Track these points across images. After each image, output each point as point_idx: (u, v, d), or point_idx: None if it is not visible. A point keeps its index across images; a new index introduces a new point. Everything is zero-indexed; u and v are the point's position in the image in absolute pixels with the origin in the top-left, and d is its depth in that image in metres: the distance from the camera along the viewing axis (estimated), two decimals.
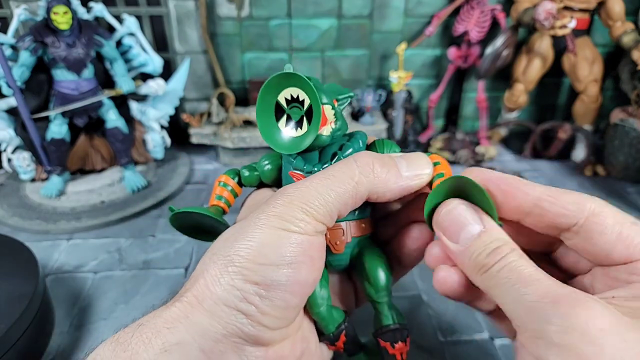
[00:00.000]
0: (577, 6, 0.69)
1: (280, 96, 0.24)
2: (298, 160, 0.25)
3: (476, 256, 0.20)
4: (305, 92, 0.23)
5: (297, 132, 0.24)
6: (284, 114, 0.25)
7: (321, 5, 0.74)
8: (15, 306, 0.34)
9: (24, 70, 0.58)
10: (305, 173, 0.25)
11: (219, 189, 0.29)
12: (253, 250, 0.21)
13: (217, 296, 0.20)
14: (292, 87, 0.24)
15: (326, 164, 0.25)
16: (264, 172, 0.28)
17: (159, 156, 0.72)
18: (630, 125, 0.66)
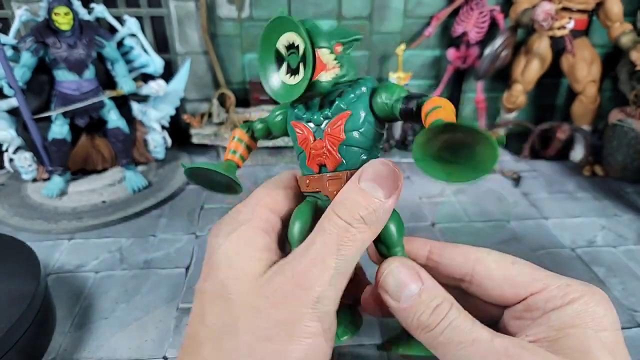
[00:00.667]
0: (576, 7, 0.70)
1: (279, 43, 0.24)
2: (299, 109, 0.25)
3: (419, 316, 0.21)
4: (299, 36, 0.22)
5: (295, 79, 0.23)
6: (283, 62, 0.24)
7: (321, 6, 0.74)
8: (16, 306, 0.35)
9: (25, 71, 0.58)
10: (304, 122, 0.24)
11: (234, 143, 0.28)
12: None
13: None
14: (288, 33, 0.23)
15: (325, 112, 0.24)
16: (274, 124, 0.27)
17: (160, 156, 0.72)
18: (629, 125, 0.66)
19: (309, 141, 0.24)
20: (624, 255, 0.52)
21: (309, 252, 0.21)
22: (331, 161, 0.24)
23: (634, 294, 0.46)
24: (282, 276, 0.21)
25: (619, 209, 0.62)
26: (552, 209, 0.62)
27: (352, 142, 0.24)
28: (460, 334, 0.20)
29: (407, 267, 0.23)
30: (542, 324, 0.21)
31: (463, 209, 0.62)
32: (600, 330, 0.20)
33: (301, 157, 0.25)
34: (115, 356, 0.39)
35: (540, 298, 0.22)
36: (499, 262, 0.24)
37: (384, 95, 0.23)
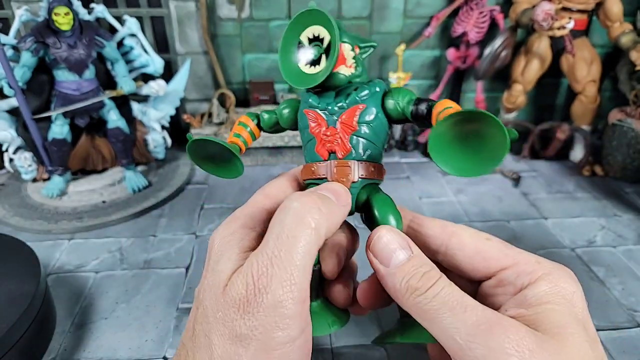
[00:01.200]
0: (576, 7, 0.70)
1: (303, 35, 0.25)
2: (314, 98, 0.26)
3: (408, 279, 0.21)
4: (325, 28, 0.24)
5: (315, 69, 0.25)
6: (304, 52, 0.25)
7: (321, 6, 0.74)
8: (16, 305, 0.35)
9: (25, 71, 0.58)
10: (319, 110, 0.26)
11: (238, 127, 0.29)
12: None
13: None
14: (314, 26, 0.24)
15: (340, 102, 0.25)
16: (282, 116, 0.28)
17: (160, 156, 0.72)
18: (629, 125, 0.66)
19: (322, 128, 0.26)
20: (623, 255, 0.52)
21: (264, 251, 0.20)
22: (341, 149, 0.25)
23: (634, 294, 0.46)
24: (244, 282, 0.20)
25: (618, 209, 0.62)
26: (551, 208, 0.62)
27: (363, 134, 0.25)
28: (452, 300, 0.20)
29: (398, 234, 0.23)
30: (517, 300, 0.22)
31: (463, 209, 0.62)
32: (572, 306, 0.21)
33: (310, 144, 0.26)
34: (115, 356, 0.39)
35: (510, 273, 0.23)
36: (473, 236, 0.25)
37: (397, 97, 0.25)
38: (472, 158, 0.21)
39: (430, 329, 0.21)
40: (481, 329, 0.19)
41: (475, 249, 0.24)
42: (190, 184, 0.70)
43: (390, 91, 0.26)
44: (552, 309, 0.20)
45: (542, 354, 0.18)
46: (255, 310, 0.19)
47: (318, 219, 0.21)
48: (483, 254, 0.24)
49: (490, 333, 0.19)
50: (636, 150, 0.65)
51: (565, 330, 0.19)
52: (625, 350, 0.39)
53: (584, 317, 0.21)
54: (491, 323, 0.19)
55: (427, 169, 0.73)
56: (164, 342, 0.40)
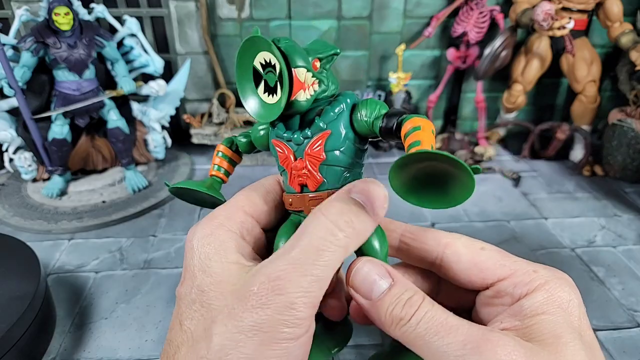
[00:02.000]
0: (576, 7, 0.70)
1: (255, 61, 0.23)
2: (280, 127, 0.24)
3: (391, 310, 0.21)
4: (274, 56, 0.22)
5: (273, 98, 0.23)
6: (261, 80, 0.23)
7: (321, 6, 0.74)
8: (16, 305, 0.35)
9: (25, 71, 0.58)
10: (285, 141, 0.24)
11: (218, 159, 0.28)
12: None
13: None
14: (263, 52, 0.22)
15: (304, 132, 0.23)
16: (256, 139, 0.27)
17: (160, 156, 0.72)
18: (629, 125, 0.66)
19: (290, 161, 0.24)
20: (623, 255, 0.52)
21: (288, 256, 0.20)
22: (312, 181, 0.23)
23: (634, 294, 0.46)
24: (259, 280, 0.20)
25: (618, 209, 0.62)
26: (551, 208, 0.62)
27: (333, 161, 0.23)
28: (436, 323, 0.20)
29: (375, 264, 0.23)
30: (512, 312, 0.21)
31: (463, 209, 0.62)
32: (568, 315, 0.20)
33: (284, 176, 0.25)
34: (115, 356, 0.39)
35: (508, 284, 0.23)
36: (468, 247, 0.24)
37: (364, 112, 0.23)
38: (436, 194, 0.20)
39: (421, 354, 0.20)
40: (468, 348, 0.19)
41: (471, 260, 0.24)
42: None
43: (358, 105, 0.23)
44: (547, 319, 0.20)
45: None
46: (266, 306, 0.19)
47: (349, 238, 0.21)
48: (479, 266, 0.24)
49: (478, 352, 0.18)
50: (636, 150, 0.65)
51: (559, 340, 0.19)
52: (626, 350, 0.39)
53: (580, 325, 0.21)
54: (478, 341, 0.19)
55: None
56: (164, 342, 0.40)
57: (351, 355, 0.38)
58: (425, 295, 0.21)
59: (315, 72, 0.23)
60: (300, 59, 0.22)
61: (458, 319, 0.20)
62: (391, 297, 0.21)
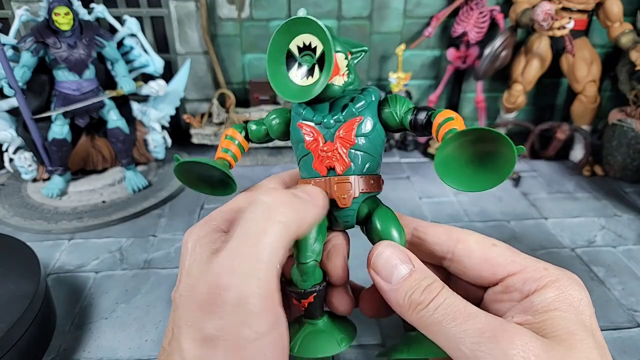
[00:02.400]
0: (576, 7, 0.70)
1: (292, 44, 0.24)
2: (307, 111, 0.25)
3: (410, 294, 0.21)
4: (318, 38, 0.23)
5: (308, 80, 0.24)
6: (294, 62, 0.24)
7: (321, 6, 0.74)
8: (16, 305, 0.35)
9: (25, 71, 0.58)
10: (315, 124, 0.24)
11: (226, 142, 0.27)
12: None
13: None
14: (305, 34, 0.23)
15: (336, 115, 0.24)
16: (272, 127, 0.27)
17: (160, 156, 0.72)
18: (629, 125, 0.66)
19: (319, 143, 0.24)
20: (623, 255, 0.52)
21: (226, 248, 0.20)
22: (340, 164, 0.24)
23: (634, 294, 0.46)
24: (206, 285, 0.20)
25: (618, 209, 0.62)
26: (551, 208, 0.62)
27: (361, 147, 0.24)
28: (455, 310, 0.20)
29: (398, 249, 0.23)
30: (523, 307, 0.21)
31: (463, 209, 0.62)
32: (580, 313, 0.20)
33: (306, 160, 0.25)
34: (115, 356, 0.39)
35: (517, 279, 0.23)
36: (479, 242, 0.24)
37: (394, 106, 0.24)
38: (478, 173, 0.20)
39: (436, 340, 0.20)
40: (485, 336, 0.19)
41: (482, 255, 0.24)
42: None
43: (386, 100, 0.25)
44: (560, 315, 0.20)
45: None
46: (219, 309, 0.19)
47: (289, 215, 0.21)
48: (490, 261, 0.24)
49: (495, 340, 0.18)
50: (636, 150, 0.65)
51: (574, 337, 0.19)
52: (626, 350, 0.39)
53: (592, 324, 0.20)
54: (495, 330, 0.19)
55: (427, 169, 0.73)
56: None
57: (352, 355, 0.38)
58: (444, 284, 0.22)
59: (349, 62, 0.24)
60: (339, 44, 0.23)
61: (476, 308, 0.20)
62: (411, 282, 0.22)
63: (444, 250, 0.25)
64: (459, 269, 0.25)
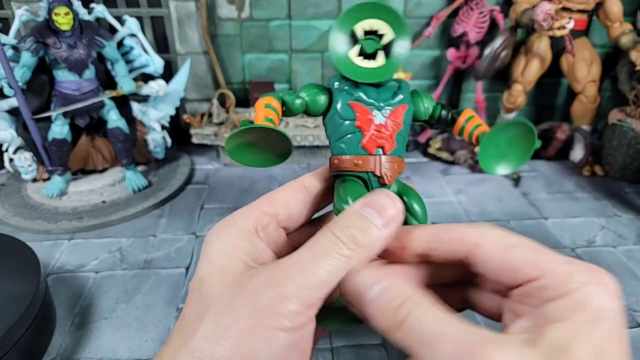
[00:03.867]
0: (576, 7, 0.70)
1: (358, 25, 0.25)
2: (360, 91, 0.26)
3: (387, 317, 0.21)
4: (391, 26, 0.25)
5: (372, 63, 0.25)
6: (355, 44, 0.25)
7: (321, 6, 0.74)
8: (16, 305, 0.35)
9: (25, 71, 0.58)
10: (367, 105, 0.26)
11: (264, 110, 0.26)
12: None
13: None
14: (374, 19, 0.25)
15: (387, 100, 0.26)
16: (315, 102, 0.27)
17: (160, 156, 0.72)
18: (629, 125, 0.66)
19: (372, 123, 0.26)
20: (623, 255, 0.52)
21: (290, 257, 0.21)
22: (389, 145, 0.26)
23: (634, 294, 0.46)
24: (258, 277, 0.20)
25: (618, 209, 0.62)
26: (551, 208, 0.62)
27: (402, 132, 0.26)
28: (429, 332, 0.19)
29: (366, 272, 0.22)
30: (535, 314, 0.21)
31: (463, 209, 0.62)
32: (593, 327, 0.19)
33: (352, 138, 0.26)
34: (115, 356, 0.39)
35: (536, 286, 0.21)
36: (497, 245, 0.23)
37: (424, 100, 0.27)
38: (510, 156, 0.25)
39: None
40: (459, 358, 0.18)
41: (500, 260, 0.23)
42: (190, 184, 0.70)
43: (414, 95, 0.27)
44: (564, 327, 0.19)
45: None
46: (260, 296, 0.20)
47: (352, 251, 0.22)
48: (509, 266, 0.22)
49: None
50: (636, 150, 0.65)
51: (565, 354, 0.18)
52: None
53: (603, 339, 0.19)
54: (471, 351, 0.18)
55: (427, 169, 0.73)
56: (164, 342, 0.40)
57: (351, 355, 0.38)
58: (419, 300, 0.21)
59: None
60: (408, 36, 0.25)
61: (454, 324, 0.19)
62: (382, 304, 0.21)
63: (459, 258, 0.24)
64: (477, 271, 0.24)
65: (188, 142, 0.75)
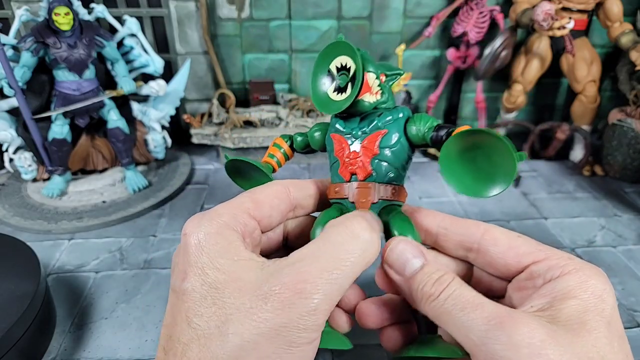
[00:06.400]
0: (576, 7, 0.70)
1: (332, 64, 0.27)
2: (340, 123, 0.28)
3: (422, 287, 0.23)
4: (351, 58, 0.26)
5: (341, 96, 0.27)
6: (333, 80, 0.27)
7: (321, 6, 0.74)
8: (16, 305, 0.35)
9: (25, 71, 0.58)
10: (344, 135, 0.27)
11: (272, 149, 0.31)
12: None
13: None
14: (342, 56, 0.26)
15: (363, 127, 0.27)
16: (313, 138, 0.30)
17: (160, 156, 0.72)
18: (629, 125, 0.66)
19: (345, 151, 0.27)
20: (623, 255, 0.52)
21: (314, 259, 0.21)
22: (362, 171, 0.26)
23: (634, 294, 0.46)
24: (282, 281, 0.20)
25: (618, 209, 0.62)
26: (551, 208, 0.62)
27: (384, 157, 0.26)
28: (463, 300, 0.21)
29: (410, 244, 0.24)
30: (543, 292, 0.22)
31: (463, 209, 0.62)
32: (600, 302, 0.21)
33: (334, 166, 0.28)
34: (115, 356, 0.39)
35: (542, 266, 0.23)
36: (505, 233, 0.26)
37: (418, 123, 0.27)
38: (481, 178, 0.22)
39: (447, 329, 0.21)
40: (492, 324, 0.19)
41: (508, 244, 0.25)
42: (190, 184, 0.70)
43: (412, 117, 0.27)
44: (577, 303, 0.21)
45: (554, 345, 0.19)
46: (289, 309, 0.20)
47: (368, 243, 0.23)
48: (515, 249, 0.25)
49: (501, 327, 0.19)
50: (636, 150, 0.65)
51: (585, 326, 0.20)
52: None
53: (611, 315, 0.21)
54: (502, 317, 0.20)
55: (427, 169, 0.73)
56: None
57: (351, 355, 0.38)
58: (455, 276, 0.22)
59: (381, 84, 0.27)
60: (371, 67, 0.26)
61: (485, 298, 0.21)
62: (423, 275, 0.23)
63: (471, 240, 0.26)
64: (485, 259, 0.26)
65: (188, 142, 0.75)
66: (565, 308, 0.20)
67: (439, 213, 0.28)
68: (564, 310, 0.20)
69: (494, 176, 0.21)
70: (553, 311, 0.20)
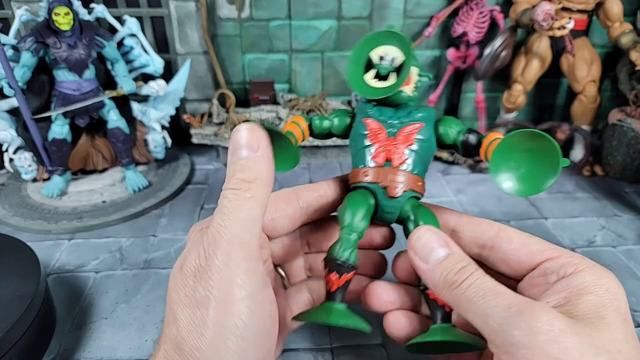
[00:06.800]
0: (576, 7, 0.70)
1: (374, 52, 0.28)
2: (374, 110, 0.29)
3: (445, 275, 0.23)
4: (401, 50, 0.27)
5: (382, 83, 0.28)
6: (372, 68, 0.28)
7: (321, 6, 0.74)
8: (16, 306, 0.35)
9: (25, 71, 0.58)
10: (380, 121, 0.28)
11: (291, 125, 0.30)
12: None
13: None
14: (386, 45, 0.28)
15: (401, 117, 0.28)
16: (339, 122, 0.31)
17: (160, 156, 0.72)
18: (629, 125, 0.66)
19: (382, 137, 0.28)
20: (623, 255, 0.52)
21: (211, 225, 0.23)
22: (397, 158, 0.27)
23: (634, 294, 0.46)
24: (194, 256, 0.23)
25: (618, 209, 0.62)
26: (551, 208, 0.62)
27: (417, 149, 0.28)
28: (485, 289, 0.22)
29: (437, 234, 0.25)
30: (558, 288, 0.23)
31: (463, 209, 0.62)
32: (616, 299, 0.22)
33: (365, 151, 0.29)
34: (115, 356, 0.39)
35: (555, 263, 0.24)
36: (518, 232, 0.27)
37: (450, 125, 0.28)
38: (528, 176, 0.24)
39: (466, 316, 0.22)
40: (512, 311, 0.20)
41: (521, 241, 0.26)
42: (190, 184, 0.70)
43: (442, 119, 0.29)
44: (593, 299, 0.21)
45: (572, 335, 0.19)
46: (209, 272, 0.22)
47: (251, 189, 0.23)
48: (529, 247, 0.26)
49: (521, 314, 0.20)
50: (636, 150, 0.65)
51: (603, 320, 0.20)
52: None
53: (627, 313, 0.21)
54: (522, 305, 0.20)
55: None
56: None
57: (351, 355, 0.38)
58: (478, 267, 0.23)
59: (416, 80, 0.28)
60: (416, 61, 0.28)
61: (505, 288, 0.22)
62: (447, 264, 0.24)
63: (485, 237, 0.27)
64: (498, 256, 0.26)
65: (188, 142, 0.75)
66: (582, 303, 0.21)
67: (456, 211, 0.29)
68: (580, 305, 0.21)
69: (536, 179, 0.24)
70: (570, 306, 0.21)
